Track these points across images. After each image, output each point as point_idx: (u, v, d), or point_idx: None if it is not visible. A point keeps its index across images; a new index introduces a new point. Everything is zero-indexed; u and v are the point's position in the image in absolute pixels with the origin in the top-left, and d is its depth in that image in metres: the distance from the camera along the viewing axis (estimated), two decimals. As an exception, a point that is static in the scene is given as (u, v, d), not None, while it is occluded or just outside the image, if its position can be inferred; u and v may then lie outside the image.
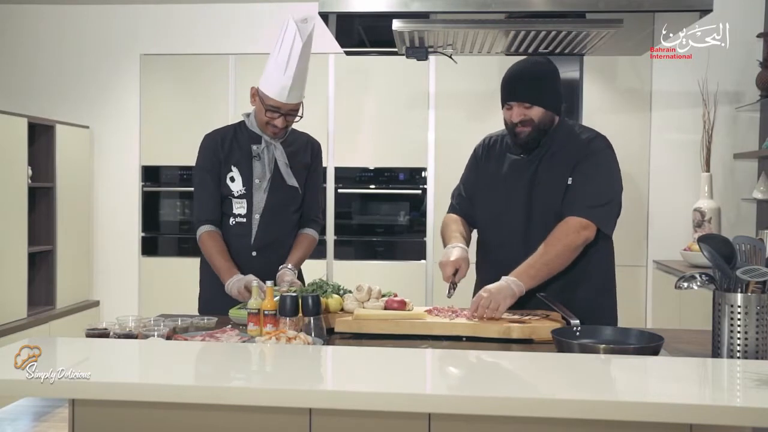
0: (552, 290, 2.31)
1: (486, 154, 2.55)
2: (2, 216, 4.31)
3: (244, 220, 2.67)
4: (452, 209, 2.64)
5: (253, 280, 2.39)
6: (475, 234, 2.59)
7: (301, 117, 2.65)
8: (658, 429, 1.49)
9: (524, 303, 2.31)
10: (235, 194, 2.67)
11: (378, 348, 1.94)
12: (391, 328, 2.12)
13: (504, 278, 2.23)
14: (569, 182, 2.34)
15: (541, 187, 2.38)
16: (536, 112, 2.34)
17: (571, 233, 2.29)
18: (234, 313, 2.34)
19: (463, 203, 2.60)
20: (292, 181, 2.69)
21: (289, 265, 2.61)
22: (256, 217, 2.67)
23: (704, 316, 2.18)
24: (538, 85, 2.35)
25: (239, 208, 2.67)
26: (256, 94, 2.61)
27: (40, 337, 4.28)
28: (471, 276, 2.49)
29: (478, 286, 2.47)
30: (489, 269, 2.41)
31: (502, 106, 2.41)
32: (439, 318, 2.17)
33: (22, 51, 5.27)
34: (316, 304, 2.04)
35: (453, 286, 2.35)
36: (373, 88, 4.92)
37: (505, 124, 2.42)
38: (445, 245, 2.48)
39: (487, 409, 1.43)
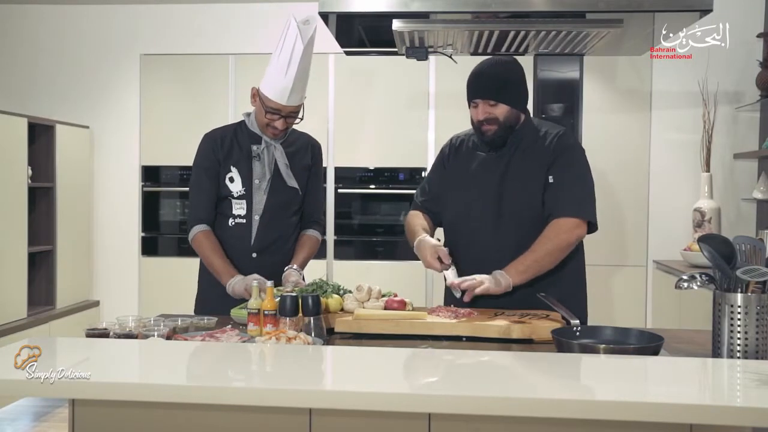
0: (525, 289, 2.33)
1: (454, 153, 2.58)
2: (2, 216, 4.31)
3: (244, 221, 2.66)
4: (415, 207, 2.66)
5: (256, 278, 2.39)
6: (440, 235, 2.59)
7: (302, 119, 2.65)
8: (658, 429, 1.49)
9: (524, 303, 2.31)
10: (235, 195, 2.66)
11: (378, 348, 1.94)
12: (391, 328, 2.12)
13: (494, 272, 2.28)
14: (550, 180, 2.37)
15: (512, 183, 2.40)
16: (501, 110, 2.39)
17: (562, 233, 2.32)
18: (236, 312, 2.34)
19: (428, 201, 2.62)
20: (292, 182, 2.68)
21: (295, 266, 2.60)
22: (256, 218, 2.66)
23: (704, 316, 2.18)
24: (503, 83, 2.40)
25: (239, 208, 2.66)
26: (257, 95, 2.61)
27: (40, 337, 4.28)
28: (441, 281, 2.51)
29: (448, 289, 2.47)
30: (457, 271, 2.41)
31: (468, 105, 2.45)
32: (439, 318, 2.17)
33: (22, 51, 5.27)
34: (316, 304, 2.04)
35: (449, 266, 2.38)
36: (373, 88, 4.92)
37: (472, 122, 2.47)
38: (412, 242, 2.50)
39: (487, 409, 1.43)
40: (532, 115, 2.57)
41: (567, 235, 2.33)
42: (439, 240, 2.48)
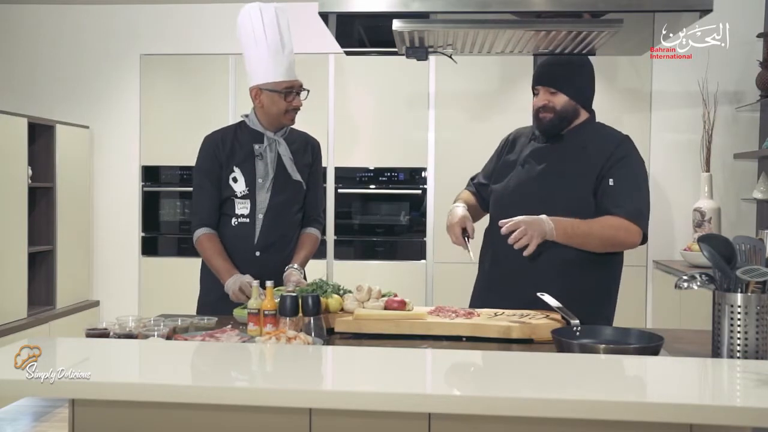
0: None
1: (511, 143, 2.62)
2: (2, 216, 4.31)
3: (248, 220, 2.66)
4: (466, 187, 2.70)
5: (250, 280, 2.39)
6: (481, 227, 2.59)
7: (309, 91, 2.68)
8: (658, 429, 1.49)
9: (524, 303, 2.31)
10: (238, 194, 2.66)
11: (378, 348, 1.94)
12: (391, 328, 2.12)
13: (544, 216, 2.25)
14: (610, 183, 2.34)
15: (560, 173, 2.39)
16: (560, 100, 2.42)
17: (625, 231, 2.29)
18: (239, 312, 2.34)
19: (479, 184, 2.66)
20: (296, 176, 2.69)
21: (295, 265, 2.60)
22: (260, 216, 2.66)
23: (704, 316, 2.18)
24: (566, 73, 2.45)
25: (242, 208, 2.66)
26: (260, 93, 2.61)
27: (40, 337, 4.28)
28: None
29: (481, 280, 2.50)
30: (491, 260, 2.46)
31: (532, 93, 2.50)
32: (439, 318, 2.17)
33: (22, 51, 5.27)
34: (316, 304, 2.04)
35: (467, 245, 2.40)
36: (373, 88, 4.92)
37: (532, 110, 2.50)
38: None
39: (487, 409, 1.43)
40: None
41: (627, 235, 2.29)
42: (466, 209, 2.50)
